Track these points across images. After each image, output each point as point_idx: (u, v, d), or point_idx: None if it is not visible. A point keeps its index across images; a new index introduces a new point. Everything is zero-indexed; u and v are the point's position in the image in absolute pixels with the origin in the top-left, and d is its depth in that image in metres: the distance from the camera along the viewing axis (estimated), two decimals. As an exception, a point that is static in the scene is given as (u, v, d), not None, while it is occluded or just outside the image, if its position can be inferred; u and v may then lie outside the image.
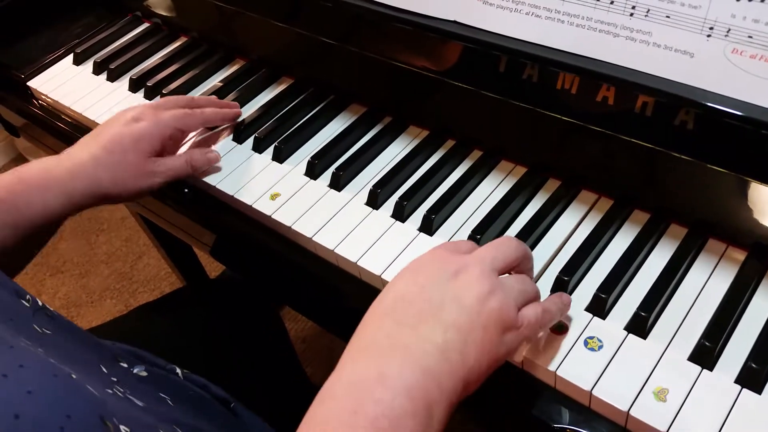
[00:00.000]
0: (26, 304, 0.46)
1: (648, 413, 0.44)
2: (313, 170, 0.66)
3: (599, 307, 0.51)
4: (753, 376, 0.45)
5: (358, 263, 0.57)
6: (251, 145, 0.71)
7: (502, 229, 0.58)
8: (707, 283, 0.52)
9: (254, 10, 0.75)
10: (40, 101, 0.87)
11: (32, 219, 0.60)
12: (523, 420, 0.50)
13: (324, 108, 0.73)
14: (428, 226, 0.59)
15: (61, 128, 0.83)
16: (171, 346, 0.70)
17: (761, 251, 0.52)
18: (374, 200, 0.62)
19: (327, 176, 0.66)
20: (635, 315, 0.49)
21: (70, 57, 0.89)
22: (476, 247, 0.48)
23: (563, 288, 0.52)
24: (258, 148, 0.70)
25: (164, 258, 1.34)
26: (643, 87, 0.51)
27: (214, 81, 0.81)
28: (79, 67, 0.88)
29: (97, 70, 0.86)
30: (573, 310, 0.51)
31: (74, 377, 0.37)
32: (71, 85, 0.85)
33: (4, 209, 0.58)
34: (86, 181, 0.61)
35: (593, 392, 0.46)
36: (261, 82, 0.79)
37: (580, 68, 0.53)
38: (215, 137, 0.73)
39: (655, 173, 0.55)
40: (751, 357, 0.46)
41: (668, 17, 0.50)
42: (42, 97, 0.86)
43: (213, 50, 0.85)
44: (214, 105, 0.71)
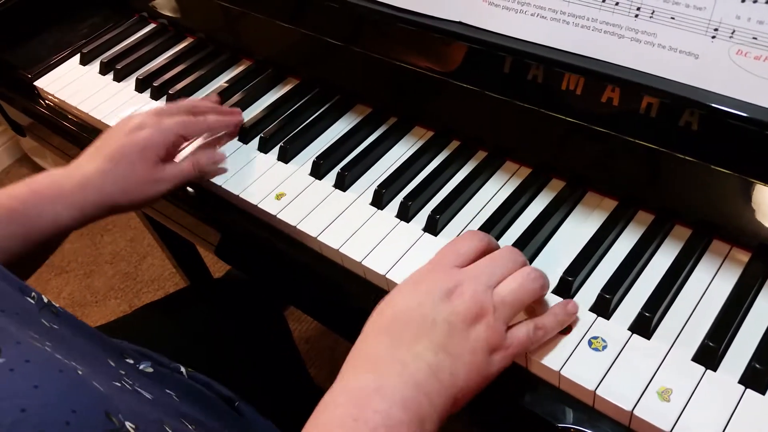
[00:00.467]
0: (32, 301, 0.46)
1: (652, 413, 0.45)
2: (319, 170, 0.66)
3: (603, 308, 0.51)
4: (757, 377, 0.45)
5: (363, 263, 0.57)
6: (257, 145, 0.71)
7: (507, 230, 0.59)
8: (711, 284, 0.52)
9: (260, 11, 0.76)
10: (47, 101, 0.87)
11: (43, 230, 0.60)
12: (527, 420, 0.50)
13: (329, 108, 0.74)
14: (433, 226, 0.59)
15: (68, 128, 0.83)
16: (175, 346, 0.70)
17: (765, 252, 0.52)
18: (379, 200, 0.62)
19: (332, 176, 0.66)
20: (639, 315, 0.50)
21: (77, 57, 0.89)
22: (481, 245, 0.50)
23: (567, 288, 0.52)
24: (263, 148, 0.71)
25: (168, 258, 1.34)
26: (648, 88, 0.51)
27: (220, 81, 0.82)
28: (86, 68, 0.88)
29: (104, 71, 0.86)
30: (578, 310, 0.51)
31: (80, 372, 0.37)
32: (78, 85, 0.85)
33: (16, 220, 0.59)
34: (96, 194, 0.62)
35: (597, 392, 0.46)
36: (266, 83, 0.79)
37: (585, 69, 0.54)
38: (220, 139, 0.73)
39: (660, 174, 0.55)
40: (755, 357, 0.46)
41: (673, 18, 0.50)
42: (48, 97, 0.86)
43: (219, 51, 0.85)
44: (217, 111, 0.71)
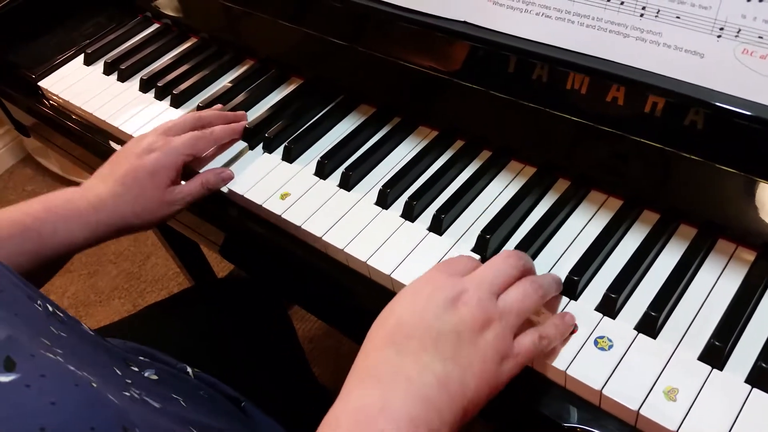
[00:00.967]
0: (39, 308, 0.46)
1: (658, 413, 0.45)
2: (323, 170, 0.66)
3: (609, 307, 0.51)
4: (763, 376, 0.45)
5: (368, 262, 0.57)
6: (261, 145, 0.71)
7: (511, 229, 0.59)
8: (717, 283, 0.52)
9: (264, 11, 0.76)
10: (51, 101, 0.87)
11: (55, 248, 0.60)
12: (533, 419, 0.50)
13: (333, 108, 0.74)
14: (438, 226, 0.59)
15: (72, 128, 0.84)
16: (180, 346, 0.71)
17: (771, 251, 0.52)
18: (384, 200, 0.62)
19: (336, 176, 0.66)
20: (645, 315, 0.49)
21: (81, 57, 0.89)
22: (474, 264, 0.49)
23: (573, 288, 0.52)
24: (268, 148, 0.71)
25: (172, 258, 1.34)
26: (653, 87, 0.51)
27: (224, 81, 0.82)
28: (90, 68, 0.88)
29: (108, 71, 0.87)
30: (583, 310, 0.51)
31: (94, 386, 0.37)
32: (82, 85, 0.85)
33: (30, 236, 0.59)
34: (109, 216, 0.62)
35: (603, 392, 0.46)
36: (270, 83, 0.79)
37: (590, 68, 0.54)
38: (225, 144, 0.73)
39: (665, 173, 0.55)
40: (762, 356, 0.46)
41: (678, 18, 0.50)
42: (53, 97, 0.86)
43: (223, 51, 0.85)
44: (222, 119, 0.71)
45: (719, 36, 0.49)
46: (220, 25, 0.85)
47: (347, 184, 0.65)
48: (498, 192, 0.62)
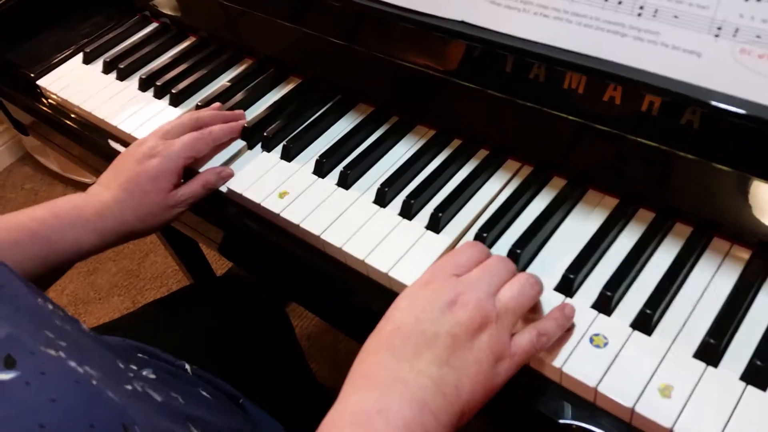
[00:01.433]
0: (41, 303, 0.46)
1: (653, 410, 0.45)
2: (321, 169, 0.67)
3: (605, 305, 0.51)
4: (758, 373, 0.45)
5: (366, 260, 0.58)
6: (260, 144, 0.72)
7: (508, 227, 0.59)
8: (712, 281, 0.52)
9: (262, 10, 0.76)
10: (50, 100, 0.87)
11: (63, 254, 0.61)
12: (529, 416, 0.50)
13: (332, 107, 0.74)
14: (435, 224, 0.59)
15: (70, 127, 0.84)
16: (179, 343, 0.71)
17: (766, 249, 0.52)
18: (382, 198, 0.63)
19: (335, 175, 0.66)
20: (640, 312, 0.50)
21: (80, 56, 0.90)
22: (481, 256, 0.50)
23: (569, 286, 0.53)
24: (266, 147, 0.71)
25: (171, 255, 1.34)
26: (650, 87, 0.51)
27: (223, 80, 0.82)
28: (89, 66, 0.88)
29: (107, 69, 0.87)
30: (579, 308, 0.51)
31: (95, 383, 0.37)
32: (81, 84, 0.85)
33: (38, 242, 0.59)
34: (114, 222, 0.63)
35: (598, 389, 0.47)
36: (269, 82, 0.80)
37: (588, 68, 0.54)
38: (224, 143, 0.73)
39: (661, 172, 0.55)
40: (756, 354, 0.46)
41: (676, 17, 0.50)
42: (51, 96, 0.87)
43: (221, 50, 0.85)
44: (220, 119, 0.72)
45: (717, 35, 0.49)
46: (219, 24, 0.85)
47: (345, 183, 0.65)
48: (495, 190, 0.62)
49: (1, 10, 0.91)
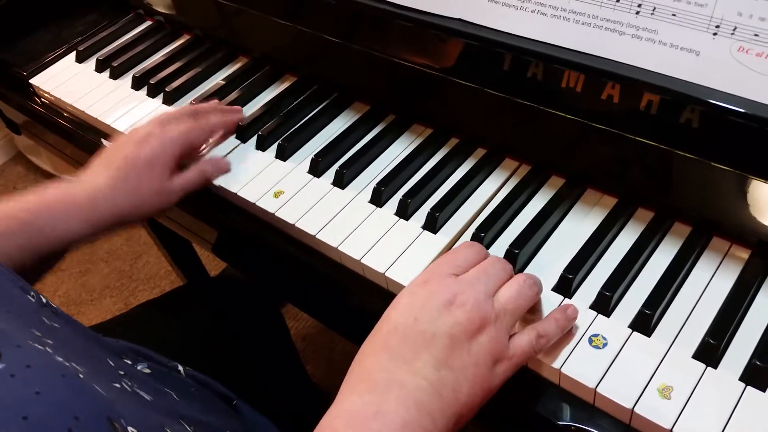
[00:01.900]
0: (32, 300, 0.46)
1: (652, 411, 0.45)
2: (317, 168, 0.66)
3: (604, 305, 0.51)
4: (757, 374, 0.45)
5: (362, 261, 0.57)
6: (255, 143, 0.71)
7: (506, 227, 0.58)
8: (711, 281, 0.52)
9: (257, 8, 0.75)
10: (42, 99, 0.87)
11: (54, 243, 0.60)
12: (528, 418, 0.50)
13: (327, 106, 0.73)
14: (432, 224, 0.59)
15: (63, 126, 0.83)
16: (172, 344, 0.70)
17: (765, 249, 0.52)
18: (378, 198, 0.62)
19: (330, 174, 0.65)
20: (640, 313, 0.49)
21: (73, 55, 0.89)
22: (478, 257, 0.49)
23: (568, 286, 0.52)
24: (261, 146, 0.70)
25: (164, 256, 1.34)
26: (649, 85, 0.51)
27: (217, 79, 0.81)
28: (82, 65, 0.88)
29: (100, 68, 0.86)
30: (578, 309, 0.51)
31: (81, 377, 0.37)
32: (74, 83, 0.85)
33: (28, 232, 0.58)
34: (106, 208, 0.62)
35: (598, 390, 0.46)
36: (264, 80, 0.79)
37: (586, 66, 0.53)
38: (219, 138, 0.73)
39: (660, 171, 0.55)
40: (756, 354, 0.46)
41: (674, 15, 0.50)
42: (44, 95, 0.86)
43: (216, 48, 0.85)
44: (218, 111, 0.71)
45: (715, 34, 0.49)
46: (214, 22, 0.84)
47: (341, 182, 0.64)
48: (493, 190, 0.62)
49: (-7, 8, 0.90)
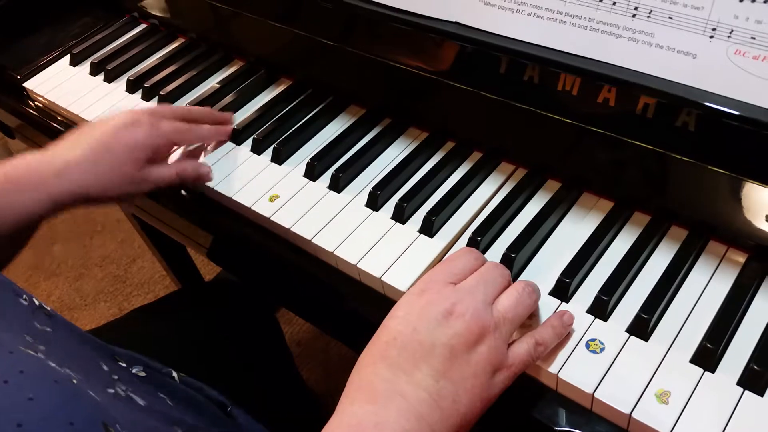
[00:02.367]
0: (24, 303, 0.45)
1: (650, 416, 0.44)
2: (313, 172, 0.66)
3: (601, 310, 0.50)
4: (755, 378, 0.45)
5: (358, 265, 0.57)
6: (250, 147, 0.71)
7: (503, 231, 0.58)
8: (708, 285, 0.51)
9: (252, 11, 0.75)
10: (36, 102, 0.86)
11: (15, 220, 0.58)
12: (525, 423, 0.50)
13: (323, 109, 0.73)
14: (428, 228, 0.58)
15: (57, 129, 0.82)
16: (167, 349, 0.70)
17: (762, 253, 0.51)
18: (374, 202, 0.62)
19: (326, 178, 0.65)
20: (637, 317, 0.49)
21: (67, 58, 0.88)
22: (476, 264, 0.49)
23: (564, 290, 0.52)
24: (257, 150, 0.70)
25: (159, 261, 1.33)
26: (645, 88, 0.51)
27: (212, 82, 0.81)
28: (76, 68, 0.87)
29: (94, 71, 0.85)
30: (575, 313, 0.50)
31: (75, 382, 0.36)
32: (68, 86, 0.84)
33: None
34: (72, 184, 0.60)
35: (595, 395, 0.46)
36: (259, 83, 0.79)
37: (582, 69, 0.53)
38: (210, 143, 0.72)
39: (657, 175, 0.54)
40: (753, 359, 0.46)
41: (671, 18, 0.50)
42: (38, 98, 0.85)
43: (211, 51, 0.84)
44: (210, 119, 0.71)
45: (712, 37, 0.49)
46: (209, 25, 0.84)
47: (337, 186, 0.64)
48: (489, 193, 0.61)
49: (-13, 11, 0.89)
